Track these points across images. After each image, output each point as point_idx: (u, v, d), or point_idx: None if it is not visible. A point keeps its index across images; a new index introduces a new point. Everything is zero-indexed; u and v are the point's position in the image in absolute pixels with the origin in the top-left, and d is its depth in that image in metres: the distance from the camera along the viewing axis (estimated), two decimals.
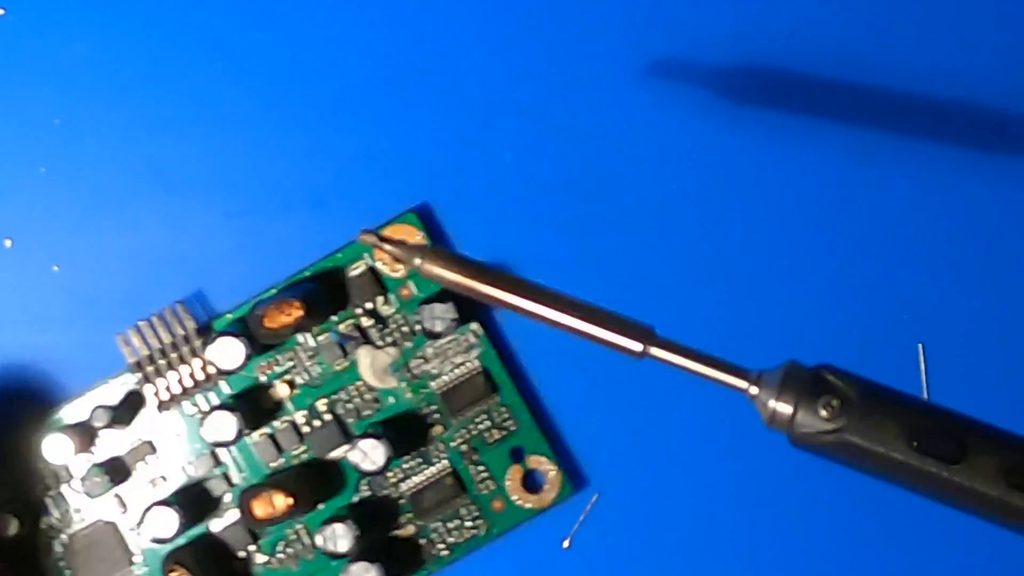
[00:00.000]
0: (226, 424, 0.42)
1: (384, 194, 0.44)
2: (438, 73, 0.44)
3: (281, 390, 0.43)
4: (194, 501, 0.43)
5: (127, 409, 0.43)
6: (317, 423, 0.43)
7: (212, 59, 0.44)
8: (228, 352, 0.41)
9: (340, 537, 0.41)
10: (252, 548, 0.43)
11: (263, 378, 0.43)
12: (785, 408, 0.31)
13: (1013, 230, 0.44)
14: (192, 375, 0.43)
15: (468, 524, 0.44)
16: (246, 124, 0.44)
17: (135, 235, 0.44)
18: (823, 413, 0.31)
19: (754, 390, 0.31)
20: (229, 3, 0.44)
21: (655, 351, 0.31)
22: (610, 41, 0.44)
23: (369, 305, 0.43)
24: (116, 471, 0.43)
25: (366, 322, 0.43)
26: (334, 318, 0.43)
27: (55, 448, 0.42)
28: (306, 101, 0.44)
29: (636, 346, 0.31)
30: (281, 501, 0.41)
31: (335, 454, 0.43)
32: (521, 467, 0.44)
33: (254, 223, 0.44)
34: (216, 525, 0.43)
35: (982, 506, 0.31)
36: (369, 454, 0.41)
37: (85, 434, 0.43)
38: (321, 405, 0.43)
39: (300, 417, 0.43)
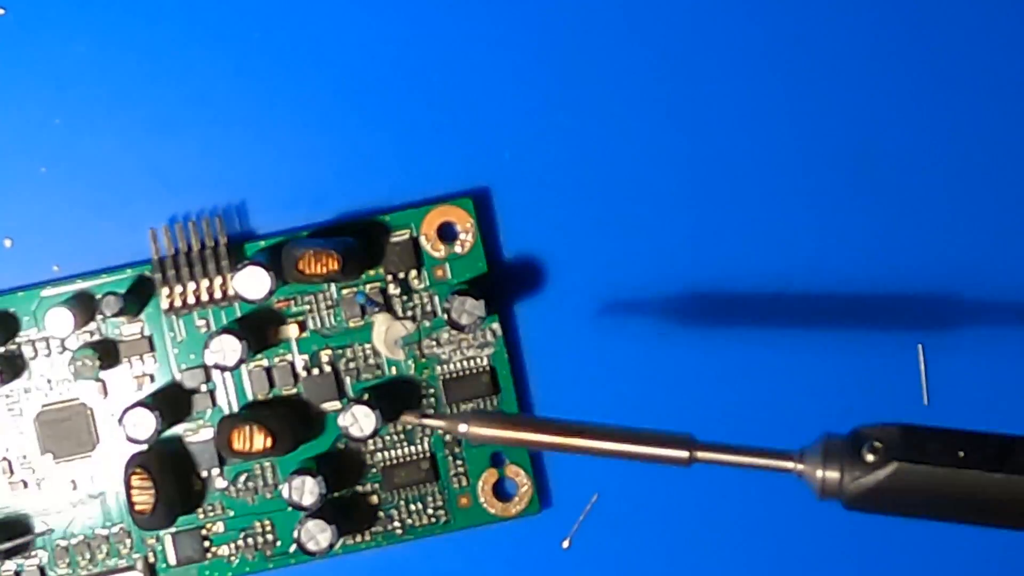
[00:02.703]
0: (232, 349, 0.41)
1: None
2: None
3: (291, 330, 0.43)
4: (174, 409, 0.43)
5: (136, 301, 0.43)
6: (315, 371, 0.43)
7: (215, 58, 0.44)
8: (254, 282, 0.41)
9: (308, 491, 0.41)
10: (215, 471, 0.43)
11: (277, 312, 0.43)
12: (833, 473, 0.33)
13: (1012, 228, 0.45)
14: (210, 289, 0.42)
15: (430, 511, 0.44)
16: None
17: (135, 235, 0.44)
18: (869, 458, 0.32)
19: (800, 467, 0.33)
20: (232, 3, 0.44)
21: (701, 454, 0.33)
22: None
23: (401, 274, 0.43)
24: (108, 357, 0.43)
25: (393, 290, 0.43)
26: (363, 276, 0.43)
27: (57, 322, 0.42)
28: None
29: (682, 454, 0.33)
30: (260, 441, 0.41)
31: (324, 406, 0.43)
32: (497, 472, 0.44)
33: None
34: (188, 438, 0.43)
35: None
36: (360, 420, 0.41)
37: (86, 314, 0.43)
38: (324, 355, 0.43)
39: (300, 361, 0.43)
